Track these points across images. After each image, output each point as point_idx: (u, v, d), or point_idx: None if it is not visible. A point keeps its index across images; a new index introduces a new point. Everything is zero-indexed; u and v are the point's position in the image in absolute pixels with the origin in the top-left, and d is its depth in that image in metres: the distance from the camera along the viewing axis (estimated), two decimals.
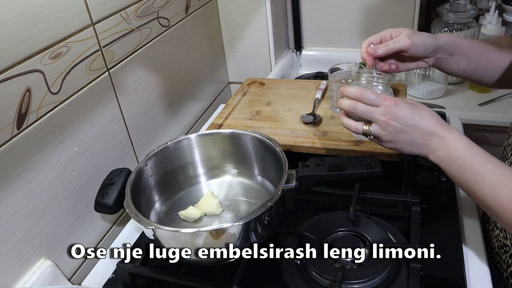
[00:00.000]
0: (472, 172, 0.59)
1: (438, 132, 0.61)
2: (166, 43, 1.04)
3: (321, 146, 0.91)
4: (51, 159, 0.72)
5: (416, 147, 0.63)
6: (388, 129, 0.63)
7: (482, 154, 0.60)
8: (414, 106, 0.63)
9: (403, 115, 0.62)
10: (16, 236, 0.67)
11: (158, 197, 0.82)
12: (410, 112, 0.62)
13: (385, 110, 0.63)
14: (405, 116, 0.62)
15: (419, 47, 0.71)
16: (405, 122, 0.62)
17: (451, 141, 0.61)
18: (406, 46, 0.70)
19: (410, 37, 0.70)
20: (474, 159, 0.59)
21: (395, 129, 0.62)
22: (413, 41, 0.70)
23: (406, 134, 0.63)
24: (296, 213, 0.86)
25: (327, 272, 0.68)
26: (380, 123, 0.63)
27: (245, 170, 0.87)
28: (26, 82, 0.66)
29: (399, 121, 0.62)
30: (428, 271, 0.69)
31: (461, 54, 0.75)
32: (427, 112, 0.63)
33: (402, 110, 0.62)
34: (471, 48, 0.76)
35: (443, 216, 0.80)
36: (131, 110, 0.93)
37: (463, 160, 0.60)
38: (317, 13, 1.43)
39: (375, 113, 0.63)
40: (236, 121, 1.04)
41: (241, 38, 1.36)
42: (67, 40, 0.73)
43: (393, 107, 0.62)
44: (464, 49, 0.75)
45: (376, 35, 0.73)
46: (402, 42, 0.70)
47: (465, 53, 0.75)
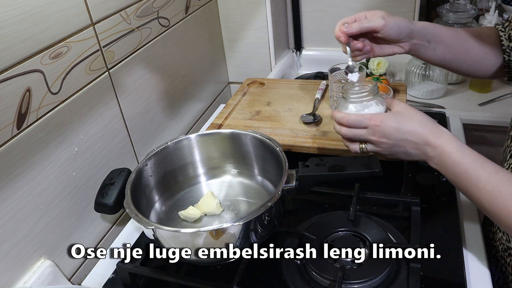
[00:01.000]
0: (467, 180, 0.59)
1: (430, 141, 0.62)
2: (166, 43, 1.04)
3: (321, 146, 0.91)
4: (51, 159, 0.72)
5: (413, 156, 0.65)
6: (382, 146, 0.65)
7: (476, 160, 0.59)
8: (402, 118, 0.64)
9: (391, 131, 0.63)
10: (16, 236, 0.67)
11: (158, 197, 0.82)
12: (397, 127, 0.63)
13: (372, 131, 0.64)
14: (393, 132, 0.63)
15: (391, 29, 0.71)
16: (394, 137, 0.63)
17: (443, 150, 0.61)
18: (379, 26, 0.71)
19: (384, 18, 0.71)
20: (468, 167, 0.59)
21: (388, 145, 0.64)
22: (386, 21, 0.70)
23: (399, 148, 0.64)
24: (296, 213, 0.86)
25: (327, 272, 0.68)
26: (373, 142, 0.66)
27: (245, 170, 0.87)
28: (26, 82, 0.66)
29: (389, 138, 0.64)
30: (428, 271, 0.69)
31: (439, 41, 0.75)
32: (416, 121, 0.63)
33: (389, 127, 0.63)
34: (450, 36, 0.75)
35: (443, 216, 0.80)
36: (131, 110, 0.93)
37: (457, 169, 0.60)
38: (317, 13, 1.43)
39: (365, 135, 0.66)
40: (236, 121, 1.04)
41: (241, 38, 1.36)
42: (67, 40, 0.73)
43: (380, 126, 0.63)
44: (442, 37, 0.75)
45: (351, 16, 0.74)
46: (375, 21, 0.71)
47: (444, 40, 0.75)
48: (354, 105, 0.69)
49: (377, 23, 0.71)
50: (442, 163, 0.61)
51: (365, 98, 0.68)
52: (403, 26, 0.72)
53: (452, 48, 0.76)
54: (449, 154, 0.60)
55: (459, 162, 0.60)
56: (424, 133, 0.62)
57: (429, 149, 0.62)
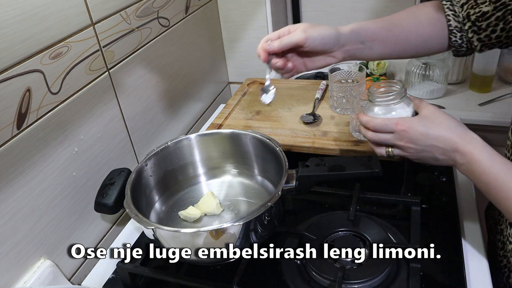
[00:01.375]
0: (496, 189, 0.58)
1: (459, 148, 0.60)
2: (166, 43, 1.04)
3: (321, 146, 0.91)
4: (51, 159, 0.72)
5: (441, 162, 0.63)
6: (409, 151, 0.63)
7: (506, 169, 0.58)
8: (429, 123, 0.62)
9: (418, 137, 0.61)
10: (16, 236, 0.67)
11: (158, 197, 0.82)
12: (425, 132, 0.61)
13: (399, 135, 0.63)
14: (421, 137, 0.61)
15: (315, 41, 0.69)
16: (422, 143, 0.62)
17: (472, 157, 0.59)
18: (301, 40, 0.68)
19: (305, 31, 0.68)
20: (497, 176, 0.57)
21: (415, 150, 0.63)
22: (308, 34, 0.68)
23: (427, 153, 0.62)
24: (296, 213, 0.86)
25: (327, 272, 0.68)
26: (400, 147, 0.64)
27: (245, 170, 0.87)
28: (26, 82, 0.66)
29: (417, 143, 0.62)
30: (428, 271, 0.69)
31: (374, 39, 0.72)
32: (445, 126, 0.61)
33: (416, 132, 0.61)
34: (383, 30, 0.73)
35: (443, 216, 0.80)
36: (131, 110, 0.93)
37: (486, 178, 0.58)
38: (317, 13, 1.43)
39: (391, 139, 0.64)
40: (236, 121, 1.04)
41: (241, 38, 1.36)
42: (67, 40, 0.73)
43: (407, 131, 0.62)
44: (375, 34, 0.72)
45: (275, 32, 0.72)
46: (296, 36, 0.69)
47: (378, 37, 0.73)
48: (380, 108, 0.67)
49: (297, 37, 0.68)
50: (471, 171, 0.60)
51: (392, 102, 0.66)
52: (327, 35, 0.70)
53: (389, 41, 0.73)
54: (479, 163, 0.58)
55: (488, 170, 0.58)
56: (453, 139, 0.60)
57: (458, 155, 0.60)
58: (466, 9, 0.68)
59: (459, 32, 0.71)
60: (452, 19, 0.71)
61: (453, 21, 0.71)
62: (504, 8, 0.65)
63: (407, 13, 0.75)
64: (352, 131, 0.93)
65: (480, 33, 0.68)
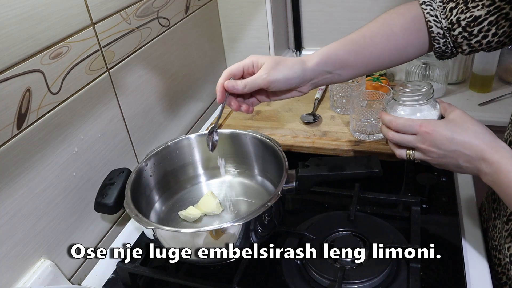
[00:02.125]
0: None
1: (486, 157, 0.56)
2: (166, 43, 1.04)
3: (321, 146, 0.91)
4: (51, 159, 0.72)
5: (464, 170, 0.60)
6: (431, 155, 0.61)
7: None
8: (455, 128, 0.59)
9: (442, 141, 0.59)
10: (16, 236, 0.67)
11: (158, 197, 0.82)
12: (450, 137, 0.58)
13: (422, 138, 0.60)
14: (445, 142, 0.58)
15: (279, 83, 0.65)
16: (446, 148, 0.59)
17: (500, 167, 0.55)
18: (264, 85, 0.65)
19: (269, 74, 0.64)
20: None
21: (438, 155, 0.60)
22: (271, 78, 0.64)
23: (450, 159, 0.59)
24: (296, 213, 0.86)
25: (327, 272, 0.68)
26: (421, 150, 0.61)
27: (245, 170, 0.87)
28: (26, 82, 0.66)
29: (440, 148, 0.59)
30: (428, 271, 0.69)
31: (342, 66, 0.68)
32: (471, 132, 0.58)
33: (440, 136, 0.59)
34: (352, 55, 0.68)
35: (443, 216, 0.80)
36: (131, 110, 0.93)
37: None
38: (317, 13, 1.43)
39: (413, 141, 0.61)
40: (236, 121, 1.04)
41: (241, 38, 1.36)
42: (67, 40, 0.73)
43: (430, 134, 0.59)
44: (344, 60, 0.68)
45: (239, 64, 0.67)
46: (259, 81, 0.65)
47: (347, 63, 0.68)
48: (405, 108, 0.65)
49: (260, 82, 0.65)
50: (497, 181, 0.56)
51: (418, 102, 0.64)
52: (292, 76, 0.65)
53: (359, 65, 0.69)
54: (506, 173, 0.55)
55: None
56: (479, 146, 0.57)
57: (484, 164, 0.57)
58: (456, 13, 0.64)
59: (442, 38, 0.67)
60: (434, 25, 0.66)
61: (435, 27, 0.66)
62: (498, 12, 0.61)
63: (380, 26, 0.70)
64: (352, 131, 0.93)
65: (470, 39, 0.65)
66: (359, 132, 0.91)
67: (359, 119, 0.90)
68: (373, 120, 0.88)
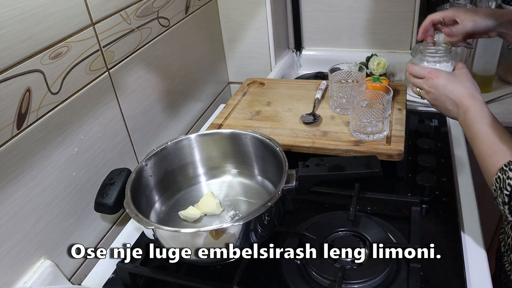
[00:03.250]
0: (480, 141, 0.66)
1: (462, 101, 0.69)
2: (166, 43, 1.04)
3: (321, 146, 0.91)
4: (51, 159, 0.72)
5: (449, 112, 0.73)
6: (430, 96, 0.75)
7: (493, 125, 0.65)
8: (452, 78, 0.73)
9: (439, 85, 0.73)
10: (16, 236, 0.67)
11: (158, 197, 0.82)
12: (444, 84, 0.72)
13: (426, 81, 0.75)
14: (440, 87, 0.73)
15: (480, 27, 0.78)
16: (440, 91, 0.73)
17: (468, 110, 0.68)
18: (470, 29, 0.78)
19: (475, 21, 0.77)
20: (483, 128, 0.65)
21: (434, 96, 0.74)
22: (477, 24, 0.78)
23: (441, 102, 0.73)
24: (296, 213, 0.86)
25: (327, 272, 0.68)
26: (425, 89, 0.76)
27: (245, 170, 0.87)
28: (26, 82, 0.66)
29: (436, 90, 0.73)
30: (428, 271, 0.69)
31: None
32: (461, 84, 0.71)
33: (438, 82, 0.73)
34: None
35: (443, 216, 0.80)
36: (131, 110, 0.93)
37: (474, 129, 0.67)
38: (317, 13, 1.43)
39: (420, 82, 0.77)
40: (236, 121, 1.04)
41: (241, 38, 1.36)
42: (67, 40, 0.73)
43: (433, 79, 0.73)
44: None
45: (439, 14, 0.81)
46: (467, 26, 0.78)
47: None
48: (428, 59, 0.80)
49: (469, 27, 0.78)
50: (464, 122, 0.69)
51: (437, 54, 0.79)
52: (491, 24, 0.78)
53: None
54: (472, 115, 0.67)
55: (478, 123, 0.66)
56: (461, 94, 0.70)
57: (462, 108, 0.69)
58: None
59: None
60: None
61: None
62: None
63: None
64: (352, 131, 0.93)
65: None
66: (359, 132, 0.91)
67: (359, 119, 0.90)
68: (373, 120, 0.88)
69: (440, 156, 0.95)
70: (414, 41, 1.35)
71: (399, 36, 1.36)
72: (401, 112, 0.98)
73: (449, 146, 0.98)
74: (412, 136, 1.02)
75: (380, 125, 0.89)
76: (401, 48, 1.38)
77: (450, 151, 0.97)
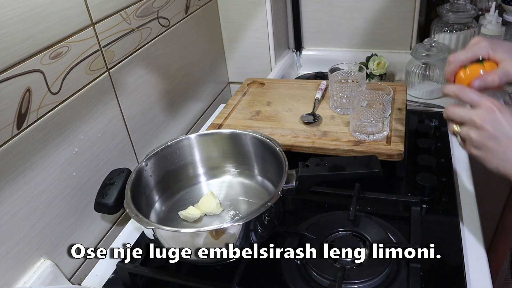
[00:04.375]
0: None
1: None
2: (166, 43, 1.04)
3: (321, 146, 0.91)
4: (51, 159, 0.72)
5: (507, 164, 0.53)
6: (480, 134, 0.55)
7: None
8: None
9: (503, 122, 0.53)
10: (16, 236, 0.67)
11: (158, 197, 0.82)
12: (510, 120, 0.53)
13: (483, 112, 0.54)
14: (505, 125, 0.53)
15: None
16: (502, 131, 0.53)
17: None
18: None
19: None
20: None
21: (488, 135, 0.54)
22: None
23: (499, 146, 0.53)
24: (296, 213, 0.86)
25: (327, 272, 0.68)
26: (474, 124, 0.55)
27: (245, 170, 0.87)
28: (26, 82, 0.66)
29: (496, 128, 0.53)
30: (428, 271, 0.69)
31: None
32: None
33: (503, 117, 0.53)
34: None
35: (443, 216, 0.80)
36: (131, 110, 0.93)
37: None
38: (317, 13, 1.43)
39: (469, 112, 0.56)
40: (236, 121, 1.04)
41: (241, 38, 1.36)
42: (67, 40, 0.73)
43: (495, 112, 0.53)
44: None
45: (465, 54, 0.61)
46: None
47: None
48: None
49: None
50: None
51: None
52: None
53: None
54: None
55: None
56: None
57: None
58: None
59: None
60: None
61: None
62: None
63: None
64: (352, 131, 0.93)
65: None
66: (359, 132, 0.91)
67: (359, 119, 0.90)
68: (373, 120, 0.88)
69: (440, 156, 0.95)
70: (414, 41, 1.35)
71: (399, 36, 1.36)
72: (401, 112, 0.98)
73: (449, 146, 0.98)
74: (412, 136, 1.02)
75: (380, 125, 0.89)
76: (401, 48, 1.38)
77: (450, 151, 0.97)
